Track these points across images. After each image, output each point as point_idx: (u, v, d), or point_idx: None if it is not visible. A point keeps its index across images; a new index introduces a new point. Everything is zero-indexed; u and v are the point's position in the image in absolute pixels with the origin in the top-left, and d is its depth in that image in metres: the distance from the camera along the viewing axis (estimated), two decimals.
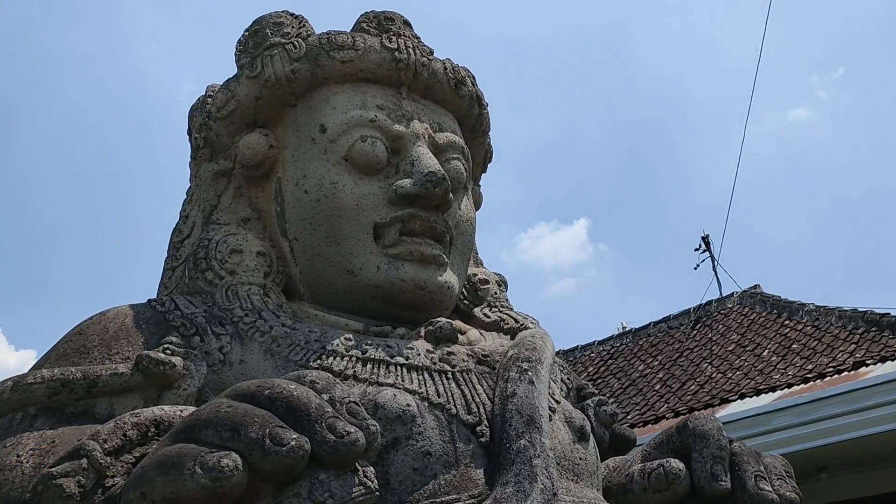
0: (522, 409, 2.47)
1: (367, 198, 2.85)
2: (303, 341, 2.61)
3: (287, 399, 1.92)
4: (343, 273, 2.83)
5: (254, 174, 2.99)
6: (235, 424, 1.85)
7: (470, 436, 2.46)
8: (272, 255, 2.89)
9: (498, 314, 3.15)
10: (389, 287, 2.81)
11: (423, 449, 2.36)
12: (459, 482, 2.36)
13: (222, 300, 2.71)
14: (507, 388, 2.56)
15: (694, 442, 2.85)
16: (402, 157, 2.92)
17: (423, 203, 2.85)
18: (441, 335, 2.75)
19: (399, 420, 2.36)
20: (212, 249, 2.83)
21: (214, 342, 2.57)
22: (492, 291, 3.25)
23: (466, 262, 3.12)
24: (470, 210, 3.13)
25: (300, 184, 2.87)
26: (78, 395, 2.34)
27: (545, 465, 2.34)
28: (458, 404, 2.51)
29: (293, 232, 2.88)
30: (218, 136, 3.03)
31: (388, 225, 2.84)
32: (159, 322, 2.59)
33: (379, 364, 2.55)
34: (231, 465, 1.79)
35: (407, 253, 2.83)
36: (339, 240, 2.82)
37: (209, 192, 3.00)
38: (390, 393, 2.42)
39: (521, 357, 2.70)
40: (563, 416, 2.75)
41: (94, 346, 2.49)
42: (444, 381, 2.57)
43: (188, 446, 1.85)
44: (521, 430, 2.41)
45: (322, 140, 2.89)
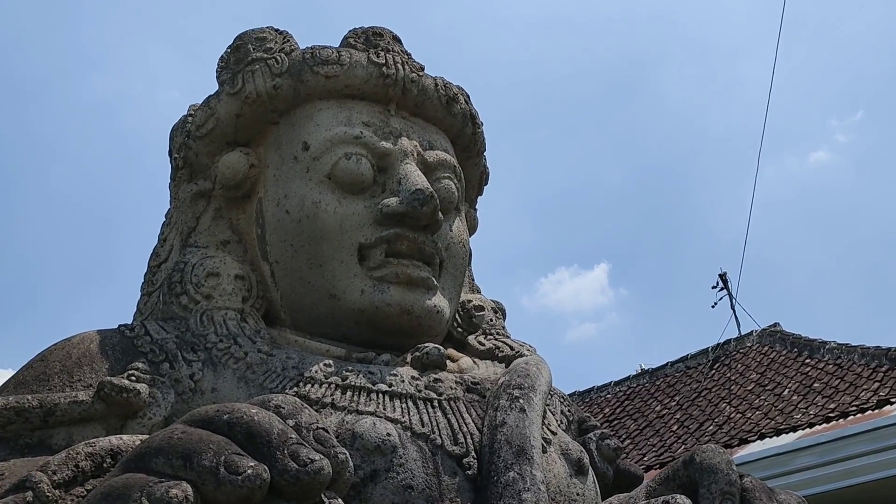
0: (512, 440, 2.30)
1: (352, 218, 2.70)
2: (279, 368, 2.45)
3: (247, 424, 1.76)
4: (325, 297, 2.68)
5: (234, 195, 2.85)
6: (188, 452, 1.69)
7: (456, 468, 2.29)
8: (252, 279, 2.75)
9: (493, 342, 2.99)
10: (374, 311, 2.65)
11: (404, 482, 2.19)
12: None
13: (196, 325, 2.56)
14: (496, 416, 2.39)
15: (701, 477, 2.65)
16: (390, 175, 2.78)
17: (410, 223, 2.70)
18: (428, 361, 2.58)
19: (378, 451, 2.19)
20: (187, 273, 2.69)
21: (185, 369, 2.41)
22: (487, 318, 3.09)
23: (459, 287, 2.96)
24: (462, 232, 2.98)
25: (281, 204, 2.73)
26: (34, 424, 2.19)
27: (535, 499, 2.16)
28: (444, 434, 2.34)
29: (274, 254, 2.74)
30: (197, 155, 2.90)
31: (373, 246, 2.69)
32: (126, 348, 2.44)
33: (359, 391, 2.39)
34: (180, 495, 1.62)
35: (393, 275, 2.67)
36: (321, 262, 2.68)
37: (187, 214, 2.86)
38: (370, 422, 2.25)
39: (513, 384, 2.53)
40: (559, 447, 2.57)
41: (54, 373, 2.35)
42: (430, 409, 2.40)
43: (136, 476, 1.69)
44: (510, 462, 2.24)
45: (305, 158, 2.76)
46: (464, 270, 2.99)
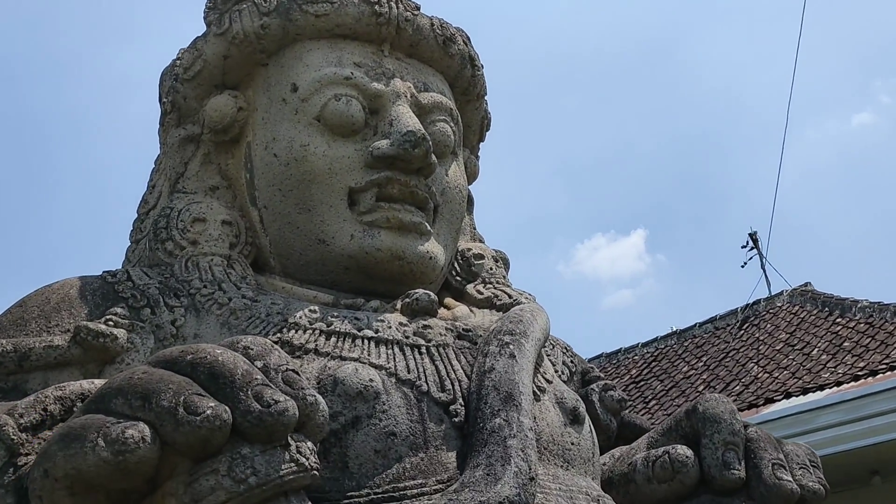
0: (500, 386, 2.22)
1: (341, 161, 2.61)
2: (263, 314, 2.38)
3: (210, 365, 1.69)
4: (314, 243, 2.60)
5: (223, 139, 2.77)
6: (147, 392, 1.63)
7: (442, 415, 2.22)
8: (240, 225, 2.68)
9: (492, 290, 2.89)
10: (364, 257, 2.58)
11: (386, 429, 2.12)
12: (427, 466, 2.12)
13: (181, 271, 2.49)
14: (485, 362, 2.31)
15: (704, 426, 2.57)
16: (381, 117, 2.69)
17: (401, 166, 2.61)
18: (418, 308, 2.50)
19: (360, 397, 2.12)
20: (173, 219, 2.62)
21: (167, 315, 2.35)
22: (487, 267, 2.99)
23: (455, 234, 2.87)
24: (459, 178, 2.88)
25: (269, 147, 2.65)
26: (8, 368, 2.14)
27: (522, 445, 2.08)
28: (431, 381, 2.27)
29: (262, 199, 2.66)
30: (185, 99, 2.82)
31: (363, 190, 2.61)
32: (107, 293, 2.38)
33: (344, 337, 2.32)
34: (136, 436, 1.56)
35: (384, 220, 2.59)
36: (309, 207, 2.60)
37: (175, 160, 2.79)
38: (352, 367, 2.18)
39: (504, 330, 2.45)
40: (553, 396, 2.49)
41: (32, 318, 2.30)
42: (417, 355, 2.33)
43: (95, 417, 1.63)
44: (496, 409, 2.16)
45: (293, 100, 2.67)
46: (461, 217, 2.90)
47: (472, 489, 1.96)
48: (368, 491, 2.03)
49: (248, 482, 1.61)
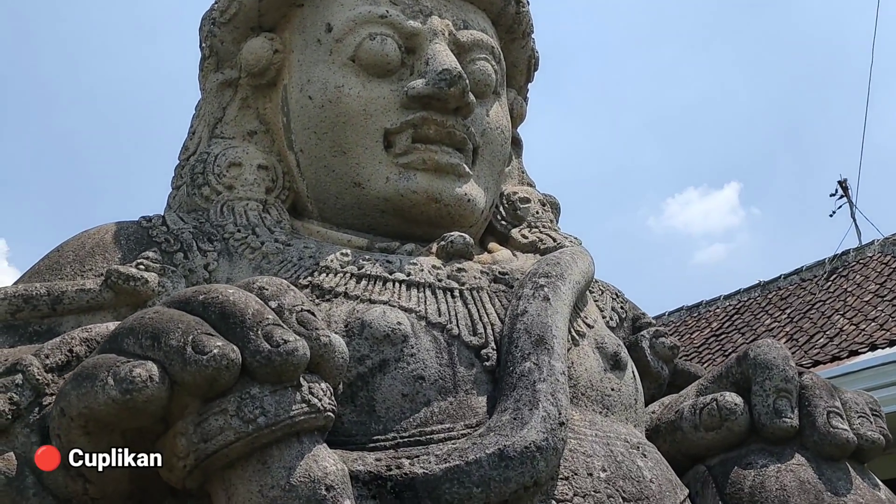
0: (532, 329, 2.15)
1: (377, 102, 2.55)
2: (295, 258, 2.36)
3: (221, 304, 1.67)
4: (350, 186, 2.56)
5: (260, 83, 2.74)
6: (157, 331, 1.62)
7: (473, 359, 2.16)
8: (277, 170, 2.65)
9: (537, 234, 2.81)
10: (399, 199, 2.52)
11: (414, 372, 2.08)
12: (456, 410, 2.07)
13: (216, 216, 2.48)
14: (518, 305, 2.24)
15: (755, 373, 2.46)
16: (418, 56, 2.61)
17: (437, 105, 2.53)
18: (453, 250, 2.44)
19: (387, 340, 2.08)
20: (210, 163, 2.61)
21: (199, 259, 2.35)
22: (533, 211, 2.91)
23: (497, 176, 2.79)
24: (501, 118, 2.79)
25: (304, 90, 2.61)
26: (42, 312, 2.16)
27: (552, 389, 2.02)
28: (462, 324, 2.21)
29: (299, 143, 2.63)
30: (223, 43, 2.79)
31: (398, 131, 2.54)
32: (141, 238, 2.39)
33: (374, 280, 2.28)
34: (144, 375, 1.56)
35: (420, 161, 2.53)
36: (345, 149, 2.55)
37: (214, 105, 2.77)
38: (380, 310, 2.14)
39: (539, 272, 2.37)
40: (593, 341, 2.41)
41: (67, 263, 2.32)
42: (449, 299, 2.27)
43: (107, 356, 1.63)
44: (527, 352, 2.10)
45: (328, 40, 2.61)
46: (503, 159, 2.81)
47: (497, 433, 1.91)
48: (395, 435, 2.00)
49: (256, 422, 1.59)
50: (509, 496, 1.85)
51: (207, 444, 1.59)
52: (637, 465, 2.16)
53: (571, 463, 2.03)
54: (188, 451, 1.61)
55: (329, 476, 1.62)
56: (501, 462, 1.85)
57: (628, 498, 2.05)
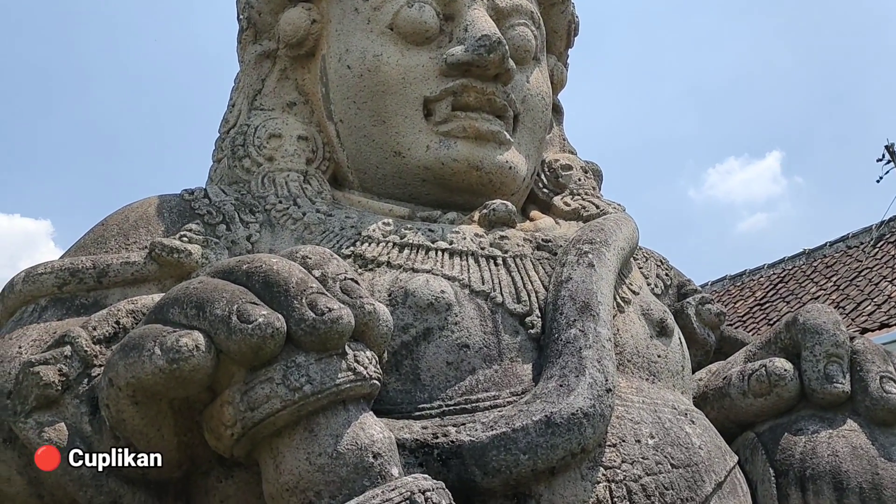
0: (576, 295, 2.13)
1: (415, 70, 2.53)
2: (337, 228, 2.35)
3: (265, 273, 1.67)
4: (390, 155, 2.54)
5: (298, 54, 2.72)
6: (202, 301, 1.62)
7: (518, 327, 2.15)
8: (317, 140, 2.64)
9: (580, 202, 2.78)
10: (440, 168, 2.50)
11: (459, 341, 2.07)
12: (501, 378, 2.06)
13: (257, 188, 2.49)
14: (562, 272, 2.22)
15: (804, 338, 2.41)
16: (457, 23, 2.58)
17: (477, 72, 2.50)
18: (495, 218, 2.42)
19: (431, 308, 2.07)
20: (250, 135, 2.60)
21: (242, 231, 2.35)
22: (575, 178, 2.87)
23: (538, 143, 2.76)
24: (542, 85, 2.75)
25: (343, 59, 2.59)
26: (88, 285, 2.18)
27: (598, 356, 2.00)
28: (506, 292, 2.19)
29: (338, 113, 2.61)
30: (260, 14, 2.78)
31: (438, 99, 2.52)
32: (183, 210, 2.39)
33: (417, 249, 2.27)
34: (190, 344, 1.56)
35: (460, 129, 2.50)
36: (384, 118, 2.53)
37: (253, 77, 2.76)
38: (423, 279, 2.13)
39: (584, 239, 2.34)
40: (639, 307, 2.38)
41: (112, 236, 2.33)
42: (492, 267, 2.26)
43: (153, 327, 1.64)
44: (572, 319, 2.08)
45: (365, 8, 2.59)
46: (544, 126, 2.78)
47: (543, 400, 1.89)
48: (440, 403, 1.99)
49: (302, 390, 1.59)
50: (556, 463, 1.84)
51: (254, 413, 1.60)
52: (685, 432, 2.13)
53: (619, 430, 2.01)
54: (235, 419, 1.61)
55: (376, 444, 1.62)
56: (548, 429, 1.83)
57: (677, 464, 2.02)
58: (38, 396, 1.78)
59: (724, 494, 2.10)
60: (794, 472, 2.26)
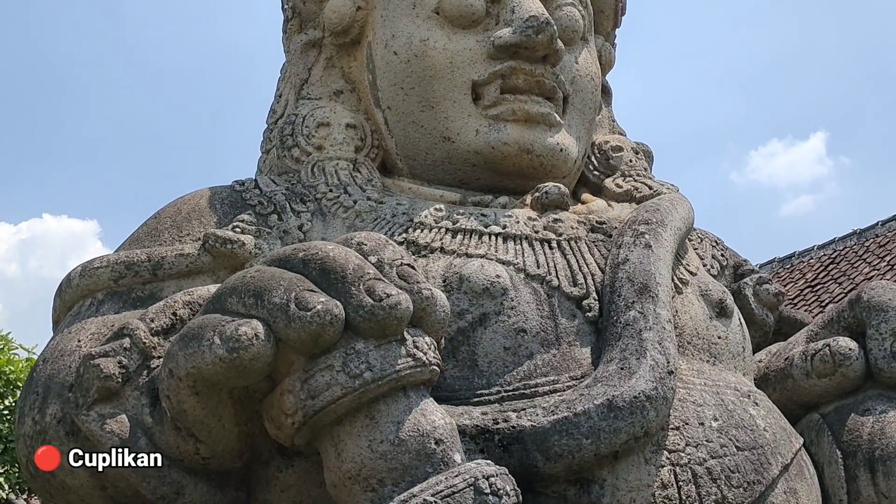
0: (634, 277, 2.09)
1: (463, 54, 2.50)
2: (389, 215, 2.34)
3: (321, 261, 1.66)
4: (439, 140, 2.52)
5: (343, 41, 2.71)
6: (259, 290, 1.62)
7: (575, 310, 2.12)
8: (365, 128, 2.62)
9: (632, 183, 2.74)
10: (490, 152, 2.47)
11: (515, 325, 2.04)
12: (560, 362, 2.03)
13: (307, 177, 2.48)
14: (619, 254, 2.18)
15: (869, 316, 2.35)
16: (503, 5, 2.54)
17: (525, 54, 2.47)
18: (547, 201, 2.39)
19: (487, 293, 2.05)
20: (298, 125, 2.60)
21: (293, 220, 2.34)
22: (626, 159, 2.83)
23: (588, 125, 2.72)
24: (591, 65, 2.71)
25: (389, 45, 2.57)
26: (143, 277, 2.19)
27: (659, 338, 1.96)
28: (562, 275, 2.16)
29: (386, 100, 2.59)
30: (304, 3, 2.77)
31: (486, 82, 2.49)
32: (235, 201, 2.39)
33: (470, 234, 2.25)
34: (250, 333, 1.56)
35: (509, 112, 2.47)
36: (432, 104, 2.51)
37: (299, 66, 2.75)
38: (478, 264, 2.11)
39: (639, 220, 2.30)
40: (697, 288, 2.33)
41: (165, 229, 2.34)
42: (547, 250, 2.23)
43: (212, 317, 1.64)
44: (631, 301, 2.04)
45: None
46: (594, 107, 2.73)
47: (604, 384, 1.86)
48: (499, 388, 1.97)
49: (363, 377, 1.58)
50: (620, 447, 1.81)
51: (315, 401, 1.59)
52: (749, 414, 2.09)
53: (682, 412, 1.97)
54: (296, 407, 1.61)
55: (438, 430, 1.60)
56: (610, 412, 1.80)
57: (742, 447, 1.98)
58: (100, 389, 1.79)
59: (791, 477, 2.05)
60: (862, 453, 2.20)
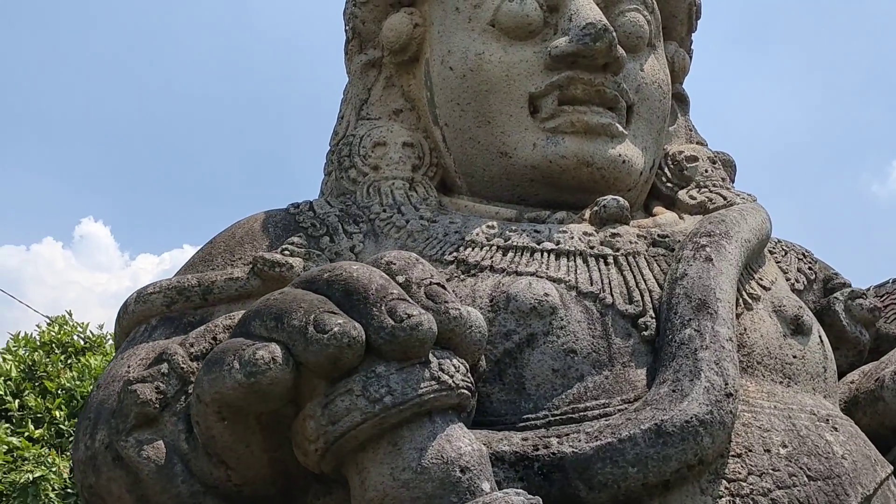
0: (692, 293, 1.96)
1: (519, 66, 2.42)
2: (441, 234, 2.27)
3: (345, 281, 1.61)
4: (496, 156, 2.44)
5: (402, 59, 2.67)
6: (280, 312, 1.58)
7: (630, 329, 2.00)
8: (423, 146, 2.57)
9: (707, 194, 2.59)
10: (548, 166, 2.38)
11: (565, 346, 1.94)
12: (612, 384, 1.92)
13: (362, 197, 2.44)
14: (677, 269, 2.06)
15: None
16: (561, 14, 2.45)
17: (584, 63, 2.37)
18: (606, 215, 2.28)
19: (534, 312, 1.96)
20: (355, 146, 2.57)
21: (346, 241, 2.31)
22: (701, 170, 2.68)
23: (656, 134, 2.59)
24: (658, 72, 2.59)
25: (445, 61, 2.51)
26: (194, 302, 2.18)
27: (716, 357, 1.83)
28: (617, 293, 2.05)
29: (443, 117, 2.54)
30: (364, 23, 2.75)
31: (544, 94, 2.40)
32: (288, 224, 2.38)
33: (522, 251, 2.16)
34: (266, 357, 1.52)
35: (567, 124, 2.37)
36: (489, 118, 2.44)
37: (359, 87, 2.73)
38: (525, 282, 2.02)
39: (701, 232, 2.17)
40: (770, 304, 2.18)
41: (218, 253, 2.34)
42: (602, 266, 2.12)
43: (235, 340, 1.61)
44: (687, 318, 1.91)
45: (466, 7, 2.51)
46: (662, 115, 2.60)
47: (654, 407, 1.74)
48: (546, 413, 1.87)
49: (383, 401, 1.51)
50: (670, 476, 1.69)
51: (335, 427, 1.53)
52: (825, 440, 1.92)
53: (745, 438, 1.83)
54: (317, 434, 1.55)
55: (464, 457, 1.52)
56: (659, 438, 1.68)
57: (814, 476, 1.82)
58: (138, 415, 1.78)
59: None
60: None
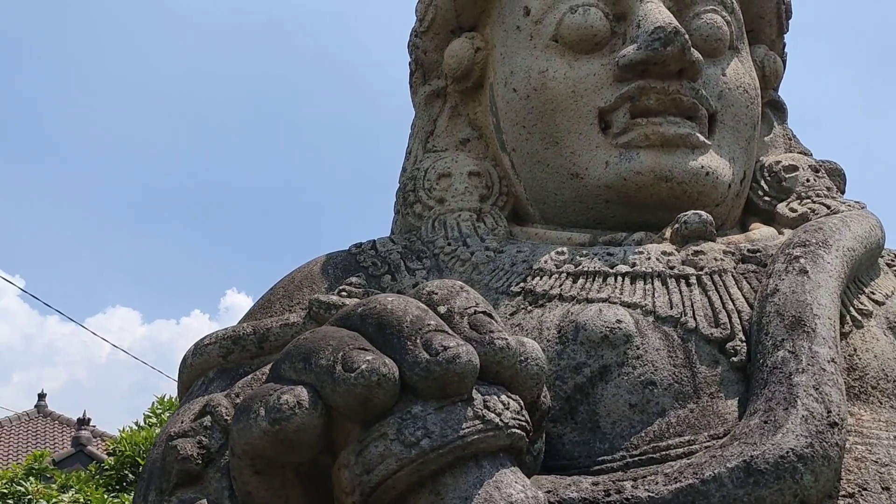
0: (785, 310, 1.72)
1: (586, 80, 2.26)
2: (508, 264, 2.11)
3: (378, 314, 1.46)
4: (567, 178, 2.27)
5: (466, 87, 2.55)
6: (308, 352, 1.44)
7: (717, 355, 1.78)
8: (492, 175, 2.42)
9: (809, 205, 2.34)
10: (622, 185, 2.19)
11: (642, 378, 1.74)
12: (698, 419, 1.70)
13: (427, 232, 2.30)
14: (768, 284, 1.82)
15: None
16: (629, 21, 2.28)
17: (655, 70, 2.18)
18: (687, 232, 2.06)
19: (606, 342, 1.76)
20: (419, 179, 2.44)
21: (408, 279, 2.16)
22: (802, 179, 2.43)
23: (745, 143, 2.36)
24: (743, 76, 2.37)
25: (508, 83, 2.37)
26: (251, 352, 2.07)
27: (814, 382, 1.58)
28: (700, 315, 1.83)
29: (510, 142, 2.39)
30: (426, 53, 2.64)
31: (614, 108, 2.22)
32: (348, 265, 2.25)
33: (593, 277, 1.97)
34: (291, 401, 1.38)
35: (641, 138, 2.18)
36: (556, 139, 2.27)
37: (425, 119, 2.61)
38: (595, 309, 1.83)
39: (795, 242, 1.93)
40: (884, 320, 1.91)
41: (277, 300, 2.23)
42: (683, 287, 1.90)
43: (264, 386, 1.48)
44: (779, 339, 1.68)
45: (526, 24, 2.37)
46: (751, 123, 2.38)
47: (742, 442, 1.51)
48: (623, 453, 1.67)
49: (419, 445, 1.35)
50: None
51: (370, 476, 1.37)
52: None
53: (858, 475, 1.58)
54: (353, 486, 1.40)
55: None
56: (749, 477, 1.45)
57: None
58: (179, 472, 1.67)
59: None
60: None
